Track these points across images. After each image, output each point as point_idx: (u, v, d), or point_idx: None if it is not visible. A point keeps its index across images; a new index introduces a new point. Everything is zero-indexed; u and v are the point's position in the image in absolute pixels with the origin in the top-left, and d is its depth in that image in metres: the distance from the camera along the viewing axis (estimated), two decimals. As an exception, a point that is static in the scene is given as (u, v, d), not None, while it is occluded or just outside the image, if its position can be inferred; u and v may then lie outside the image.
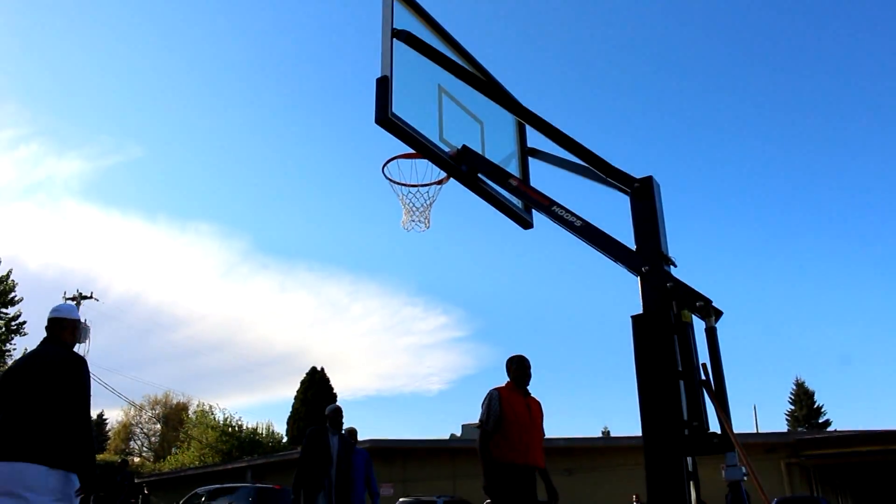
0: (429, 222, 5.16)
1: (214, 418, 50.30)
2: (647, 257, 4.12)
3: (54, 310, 4.65)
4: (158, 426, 67.21)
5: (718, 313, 3.90)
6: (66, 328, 4.58)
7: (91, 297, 36.48)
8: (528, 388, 5.58)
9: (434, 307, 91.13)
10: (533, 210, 5.20)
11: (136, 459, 57.30)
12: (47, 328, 4.56)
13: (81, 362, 4.40)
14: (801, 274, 77.06)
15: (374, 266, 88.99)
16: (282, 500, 17.33)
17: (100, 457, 35.29)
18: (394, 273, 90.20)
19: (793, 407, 54.44)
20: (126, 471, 16.76)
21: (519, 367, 5.56)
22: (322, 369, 49.02)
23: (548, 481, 5.43)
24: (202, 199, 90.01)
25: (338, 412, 7.79)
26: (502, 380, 5.53)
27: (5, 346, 36.50)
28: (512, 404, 5.34)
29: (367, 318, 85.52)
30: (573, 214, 4.36)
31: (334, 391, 48.18)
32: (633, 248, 4.24)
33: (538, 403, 5.63)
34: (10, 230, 72.42)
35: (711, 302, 3.85)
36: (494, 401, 5.35)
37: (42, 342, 4.55)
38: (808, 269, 75.68)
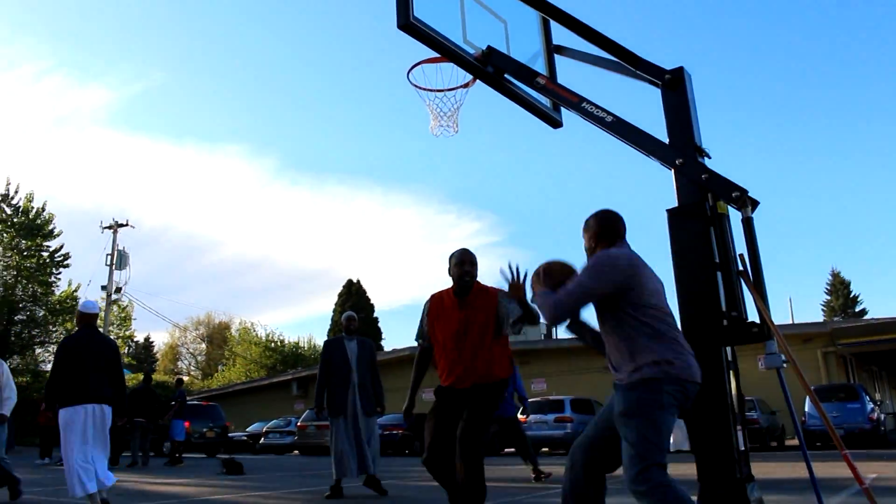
0: (457, 126, 5.10)
1: (257, 335, 51.73)
2: (680, 150, 4.05)
3: (93, 306, 6.95)
4: (203, 345, 69.25)
5: (755, 203, 3.86)
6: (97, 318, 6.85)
7: (127, 225, 36.96)
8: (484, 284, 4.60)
9: (467, 213, 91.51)
10: (562, 108, 5.11)
11: (185, 378, 59.27)
12: (90, 319, 6.66)
13: None
14: (836, 162, 75.52)
15: (405, 176, 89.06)
16: (211, 414, 22.89)
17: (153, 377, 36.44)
18: (425, 182, 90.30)
19: (829, 297, 54.38)
20: (181, 389, 17.98)
21: (455, 265, 4.53)
22: (358, 281, 49.75)
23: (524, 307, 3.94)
24: (228, 120, 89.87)
25: (351, 319, 8.05)
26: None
27: (50, 278, 37.48)
28: (440, 317, 4.55)
29: (401, 228, 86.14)
30: (603, 110, 4.28)
31: (371, 302, 49.04)
32: (666, 141, 4.17)
33: (488, 298, 4.50)
34: (43, 164, 73.23)
35: (747, 192, 3.80)
36: (423, 313, 4.69)
37: (90, 326, 6.63)
38: (844, 157, 74.12)
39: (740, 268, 3.83)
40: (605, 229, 3.41)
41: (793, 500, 6.32)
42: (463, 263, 4.49)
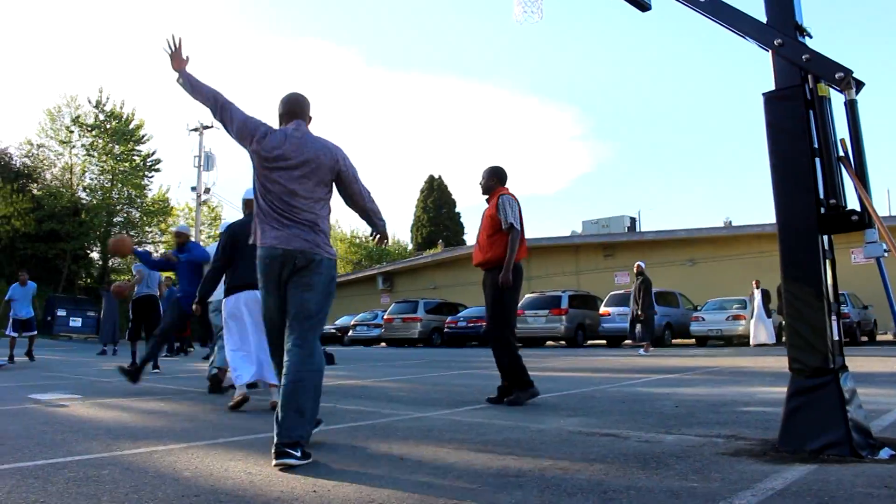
0: (541, 13, 4.92)
1: (342, 231, 52.80)
2: (779, 29, 3.81)
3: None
4: (290, 243, 71.13)
5: (860, 85, 3.64)
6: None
7: (212, 127, 37.66)
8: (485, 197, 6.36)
9: (549, 106, 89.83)
10: (651, -10, 4.85)
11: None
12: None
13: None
14: (948, 40, 70.04)
15: (487, 69, 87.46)
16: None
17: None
18: (506, 75, 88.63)
19: (933, 186, 51.60)
20: None
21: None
22: (440, 177, 49.92)
23: None
24: (310, 14, 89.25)
25: None
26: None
27: (143, 181, 39.06)
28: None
29: (482, 122, 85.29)
30: (697, -11, 4.05)
31: (453, 197, 49.29)
32: (764, 21, 3.93)
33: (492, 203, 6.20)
34: (129, 69, 74.80)
35: (852, 73, 3.58)
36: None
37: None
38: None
39: (841, 153, 3.65)
40: None
41: (886, 393, 6.22)
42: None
